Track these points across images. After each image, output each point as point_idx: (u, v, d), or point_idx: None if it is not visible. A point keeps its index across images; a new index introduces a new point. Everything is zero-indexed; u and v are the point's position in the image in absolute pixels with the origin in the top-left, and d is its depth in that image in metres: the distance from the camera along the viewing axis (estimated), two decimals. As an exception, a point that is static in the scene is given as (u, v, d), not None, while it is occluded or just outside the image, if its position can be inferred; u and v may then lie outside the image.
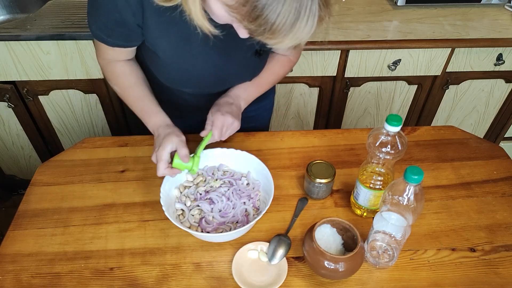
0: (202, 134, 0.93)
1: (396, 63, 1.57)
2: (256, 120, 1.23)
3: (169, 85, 0.99)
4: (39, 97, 1.60)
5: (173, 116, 0.96)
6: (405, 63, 1.59)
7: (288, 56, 1.06)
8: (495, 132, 1.93)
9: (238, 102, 0.99)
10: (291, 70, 1.51)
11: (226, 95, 0.99)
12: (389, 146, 0.81)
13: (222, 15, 0.67)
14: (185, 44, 0.88)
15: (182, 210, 0.91)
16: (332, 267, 0.76)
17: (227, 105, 0.96)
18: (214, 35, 0.73)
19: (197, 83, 0.97)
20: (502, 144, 1.97)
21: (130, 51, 0.95)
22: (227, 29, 0.73)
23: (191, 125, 1.05)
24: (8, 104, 1.58)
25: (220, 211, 0.91)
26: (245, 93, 1.01)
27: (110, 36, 0.87)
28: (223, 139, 0.94)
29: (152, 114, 0.94)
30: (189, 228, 0.87)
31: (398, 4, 1.65)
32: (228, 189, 0.94)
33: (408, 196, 0.73)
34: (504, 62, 1.60)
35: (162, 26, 0.84)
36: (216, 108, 0.95)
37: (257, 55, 0.95)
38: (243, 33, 0.69)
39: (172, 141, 0.87)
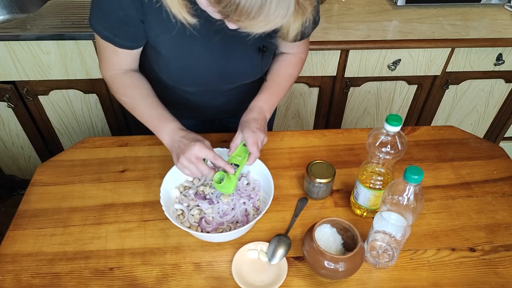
0: (230, 153, 0.91)
1: (396, 63, 1.57)
2: None
3: (172, 84, 0.99)
4: (39, 97, 1.60)
5: (175, 116, 0.95)
6: (405, 63, 1.59)
7: (298, 54, 1.04)
8: (495, 132, 1.93)
9: (263, 115, 0.96)
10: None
11: (250, 110, 0.96)
12: (389, 146, 0.81)
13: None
14: (187, 41, 0.88)
15: (182, 210, 0.91)
16: (332, 267, 0.76)
17: (254, 121, 0.93)
18: (215, 33, 0.71)
19: (200, 81, 0.97)
20: (502, 144, 1.97)
21: (135, 56, 0.94)
22: (204, 18, 0.73)
23: (193, 125, 1.04)
24: (8, 104, 1.58)
25: (220, 211, 0.91)
26: (268, 104, 0.99)
27: (116, 36, 0.86)
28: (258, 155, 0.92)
29: (168, 121, 0.92)
30: (189, 228, 0.87)
31: (398, 4, 1.65)
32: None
33: (408, 196, 0.73)
34: (504, 62, 1.60)
35: (163, 23, 0.84)
36: (245, 125, 0.91)
37: (260, 52, 0.94)
38: (216, 16, 0.69)
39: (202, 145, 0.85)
